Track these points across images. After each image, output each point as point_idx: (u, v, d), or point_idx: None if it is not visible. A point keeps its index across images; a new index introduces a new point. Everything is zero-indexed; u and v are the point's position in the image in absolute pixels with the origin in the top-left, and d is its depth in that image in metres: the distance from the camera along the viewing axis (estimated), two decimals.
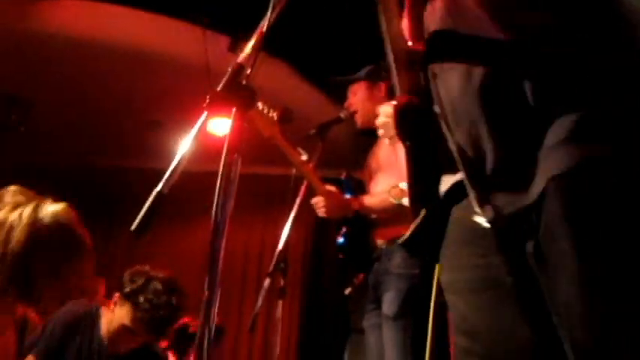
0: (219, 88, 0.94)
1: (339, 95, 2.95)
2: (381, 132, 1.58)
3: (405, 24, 1.12)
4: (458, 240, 1.03)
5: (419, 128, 1.13)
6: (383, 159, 2.65)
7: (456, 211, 1.05)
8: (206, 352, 0.91)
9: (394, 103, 1.14)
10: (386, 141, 2.61)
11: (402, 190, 2.29)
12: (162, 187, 0.88)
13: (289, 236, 2.52)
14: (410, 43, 1.10)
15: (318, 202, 2.55)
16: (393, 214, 2.50)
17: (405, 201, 1.19)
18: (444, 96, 0.99)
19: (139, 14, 3.84)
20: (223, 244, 0.94)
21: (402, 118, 1.13)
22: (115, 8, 3.78)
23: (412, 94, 1.11)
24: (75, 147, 5.44)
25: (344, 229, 2.65)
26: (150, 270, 2.48)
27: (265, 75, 1.41)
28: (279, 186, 3.03)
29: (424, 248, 1.12)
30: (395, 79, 1.14)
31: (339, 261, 2.73)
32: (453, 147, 0.99)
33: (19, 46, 4.09)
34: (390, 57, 1.13)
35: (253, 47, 1.04)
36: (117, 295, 2.42)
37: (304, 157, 2.45)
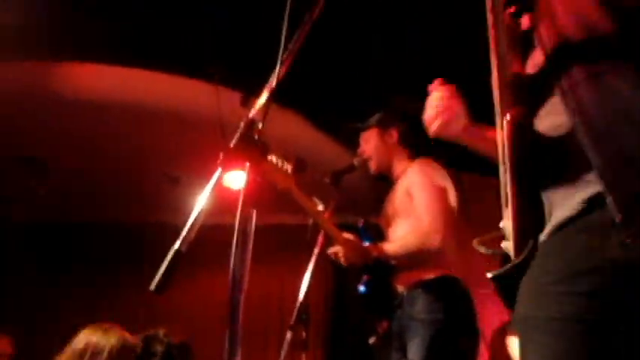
0: (232, 144, 0.96)
1: (352, 142, 2.98)
2: (434, 125, 1.37)
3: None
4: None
5: (529, 148, 1.02)
6: (399, 204, 2.65)
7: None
8: None
9: (508, 117, 1.02)
10: (401, 186, 2.63)
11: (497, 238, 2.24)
12: (181, 245, 0.89)
13: (309, 286, 2.50)
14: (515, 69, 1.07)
15: (337, 251, 2.54)
16: (414, 259, 2.48)
17: (504, 244, 1.09)
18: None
19: (153, 75, 3.95)
20: (243, 298, 0.94)
21: (519, 133, 1.01)
22: (129, 70, 3.90)
23: (520, 109, 1.03)
24: (94, 205, 5.51)
25: (365, 277, 2.64)
26: (165, 336, 2.47)
27: (277, 126, 1.44)
28: (297, 236, 3.03)
29: (512, 288, 1.01)
30: (496, 99, 1.07)
31: (362, 309, 2.69)
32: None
33: (37, 109, 4.20)
34: (494, 75, 1.07)
35: (264, 101, 1.07)
36: None
37: (320, 207, 2.46)
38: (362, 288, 2.62)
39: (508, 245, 1.07)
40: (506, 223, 1.06)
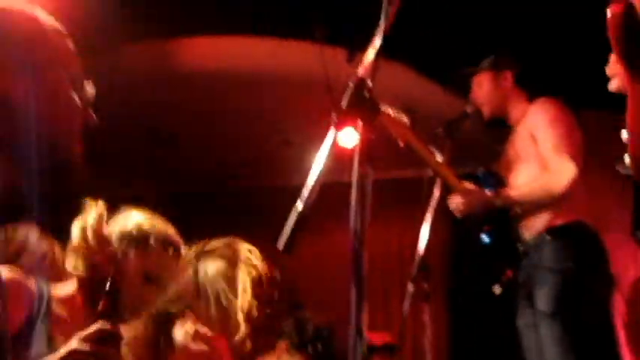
0: (343, 104, 0.96)
1: (463, 90, 2.88)
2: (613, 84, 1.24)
3: None
4: None
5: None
6: (522, 150, 2.53)
7: None
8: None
9: (610, 13, 0.90)
10: (523, 130, 2.50)
11: None
12: (303, 205, 0.92)
13: (429, 238, 2.49)
14: None
15: (457, 201, 2.49)
16: (542, 205, 2.37)
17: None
18: None
19: (257, 41, 4.04)
20: (365, 253, 0.96)
21: (624, 32, 0.87)
22: (236, 39, 4.02)
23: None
24: (214, 174, 5.81)
25: (486, 227, 2.57)
26: (310, 316, 2.59)
27: (386, 79, 1.42)
28: (413, 189, 3.01)
29: None
30: None
31: (484, 259, 2.64)
32: None
33: (159, 86, 4.47)
34: None
35: (372, 57, 1.06)
36: (284, 345, 2.53)
37: (438, 157, 2.42)
38: (485, 237, 2.56)
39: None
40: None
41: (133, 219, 1.67)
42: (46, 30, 0.89)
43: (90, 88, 0.97)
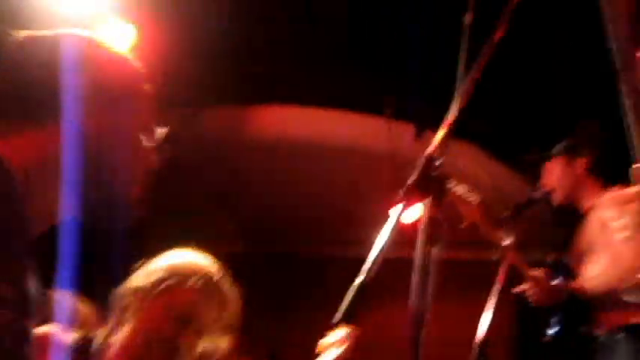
0: (411, 181, 0.96)
1: (533, 174, 2.81)
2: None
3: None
4: None
5: None
6: (593, 239, 2.42)
7: None
8: None
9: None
10: (595, 219, 2.41)
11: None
12: (364, 277, 0.91)
13: (490, 326, 2.38)
14: None
15: (525, 289, 2.39)
16: (616, 300, 2.23)
17: None
18: None
19: (325, 113, 4.14)
20: (424, 335, 0.93)
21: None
22: (303, 110, 4.14)
23: None
24: (277, 239, 5.86)
25: (555, 318, 2.43)
26: None
27: (455, 159, 1.42)
28: (473, 272, 2.92)
29: None
30: (623, 86, 0.99)
31: (549, 355, 2.49)
32: None
33: (231, 149, 4.62)
34: (619, 62, 0.99)
35: (442, 135, 1.06)
36: None
37: (507, 241, 2.34)
38: (551, 331, 2.42)
39: None
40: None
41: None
42: (132, 71, 0.92)
43: (159, 134, 0.96)
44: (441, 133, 1.05)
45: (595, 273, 2.36)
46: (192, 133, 4.40)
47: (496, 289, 2.43)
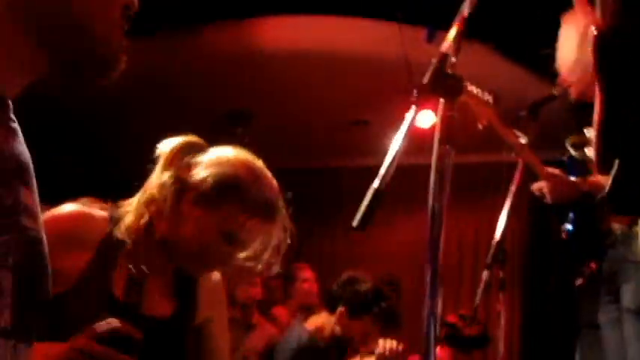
0: (425, 81, 0.93)
1: (549, 71, 2.74)
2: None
3: None
4: None
5: (627, 62, 0.93)
6: None
7: None
8: (433, 344, 0.91)
9: (593, 30, 0.95)
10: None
11: None
12: (379, 184, 0.91)
13: (506, 225, 2.40)
14: None
15: (541, 187, 2.38)
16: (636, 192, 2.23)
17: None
18: None
19: (336, 20, 4.02)
20: (442, 237, 0.93)
21: (604, 50, 0.94)
22: (313, 18, 4.02)
23: (616, 19, 0.91)
24: (292, 151, 5.88)
25: (572, 215, 2.44)
26: (363, 277, 2.54)
27: (468, 59, 1.37)
28: (492, 173, 2.92)
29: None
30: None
31: (565, 250, 2.52)
32: None
33: (235, 64, 4.55)
34: None
35: (455, 34, 1.02)
36: (343, 310, 2.48)
37: (523, 141, 2.32)
38: (569, 226, 2.43)
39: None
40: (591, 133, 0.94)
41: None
42: None
43: None
44: (453, 32, 1.01)
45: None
46: (198, 50, 4.32)
47: (513, 189, 2.43)
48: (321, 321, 2.55)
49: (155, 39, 3.89)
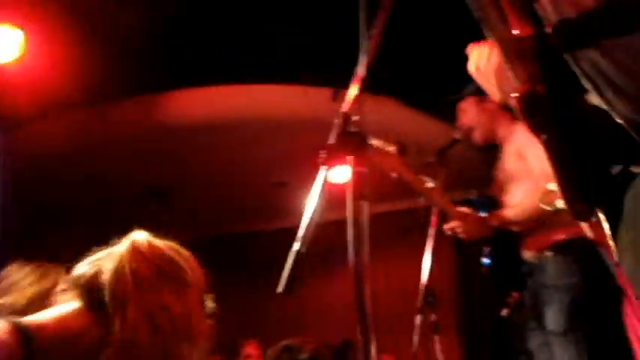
0: (331, 141, 0.97)
1: (450, 116, 2.90)
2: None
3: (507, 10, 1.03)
4: None
5: (552, 116, 1.02)
6: (512, 169, 2.54)
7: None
8: None
9: (514, 95, 1.01)
10: (510, 149, 2.53)
11: (554, 192, 2.15)
12: (300, 245, 0.92)
13: (432, 268, 2.47)
14: (516, 32, 1.00)
15: (454, 226, 2.48)
16: (539, 222, 2.36)
17: (561, 202, 1.10)
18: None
19: (244, 89, 4.10)
20: (367, 289, 0.95)
21: (530, 109, 0.99)
22: (222, 89, 4.07)
23: (532, 83, 1.01)
24: (210, 220, 5.80)
25: (487, 249, 2.55)
26: (303, 344, 2.47)
27: (373, 114, 1.44)
28: (410, 220, 3.01)
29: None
30: (507, 70, 1.05)
31: (489, 283, 2.61)
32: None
33: (148, 140, 4.50)
34: (498, 48, 1.03)
35: (355, 93, 1.07)
36: None
37: (430, 185, 2.41)
38: (486, 260, 2.54)
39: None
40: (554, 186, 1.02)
41: None
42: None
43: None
44: (353, 91, 1.06)
45: (517, 201, 2.49)
46: (104, 130, 4.24)
47: (431, 232, 2.52)
48: None
49: (68, 117, 3.83)
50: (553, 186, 1.08)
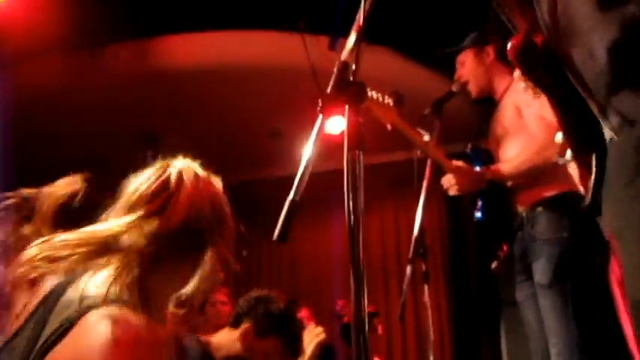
0: (328, 90, 0.96)
1: (448, 69, 2.87)
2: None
3: None
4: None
5: (551, 66, 1.01)
6: (508, 123, 2.54)
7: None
8: (365, 342, 0.93)
9: (510, 44, 1.02)
10: (508, 103, 2.52)
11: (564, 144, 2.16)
12: (295, 194, 0.92)
13: (423, 219, 2.50)
14: None
15: (448, 180, 2.49)
16: (532, 177, 2.37)
17: (562, 159, 1.10)
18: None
19: (239, 35, 4.03)
20: (361, 238, 0.96)
21: (526, 59, 1.01)
22: (216, 34, 4.00)
23: (528, 32, 1.00)
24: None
25: (480, 203, 2.57)
26: (276, 297, 2.44)
27: (370, 64, 1.42)
28: (405, 171, 3.02)
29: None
30: (505, 21, 1.04)
31: (480, 235, 2.65)
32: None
33: (142, 86, 4.45)
34: None
35: (354, 41, 1.06)
36: (249, 326, 2.32)
37: (426, 137, 2.41)
38: (478, 214, 2.57)
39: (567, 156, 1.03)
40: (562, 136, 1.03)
41: None
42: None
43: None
44: (351, 39, 1.05)
45: (512, 155, 2.49)
46: (95, 73, 4.18)
47: (425, 184, 2.53)
48: (220, 337, 2.38)
49: (60, 59, 3.77)
50: (560, 137, 1.08)
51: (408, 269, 2.48)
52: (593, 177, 0.98)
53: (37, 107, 4.31)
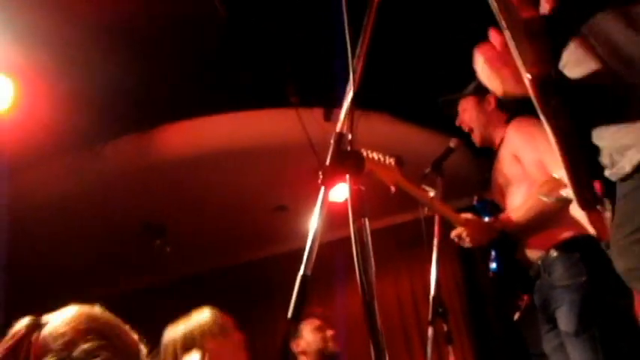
0: (327, 162, 0.97)
1: (444, 127, 2.91)
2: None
3: None
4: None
5: (564, 98, 1.02)
6: (509, 172, 2.54)
7: None
8: None
9: (528, 75, 1.00)
10: (505, 153, 2.53)
11: (553, 181, 2.14)
12: (305, 269, 0.92)
13: (438, 277, 2.46)
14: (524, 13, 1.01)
15: (459, 233, 2.47)
16: (542, 221, 2.34)
17: (565, 192, 1.09)
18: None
19: (234, 117, 4.11)
20: (376, 304, 0.95)
21: (544, 89, 0.99)
22: (211, 119, 4.08)
23: (542, 64, 1.01)
24: (213, 252, 5.77)
25: (493, 254, 2.53)
26: None
27: (366, 130, 1.44)
28: (413, 231, 3.00)
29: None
30: (516, 56, 1.05)
31: (497, 287, 2.60)
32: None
33: (143, 178, 4.49)
34: (507, 34, 1.03)
35: (347, 111, 1.08)
36: None
37: (432, 194, 2.41)
38: (493, 265, 2.52)
39: (569, 192, 1.03)
40: (562, 173, 1.03)
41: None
42: None
43: None
44: (344, 109, 1.07)
45: (518, 203, 2.48)
46: (98, 168, 4.25)
47: (435, 242, 2.51)
48: None
49: (62, 160, 3.84)
50: (557, 175, 1.08)
51: (430, 331, 2.42)
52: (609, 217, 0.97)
53: (41, 207, 4.35)
